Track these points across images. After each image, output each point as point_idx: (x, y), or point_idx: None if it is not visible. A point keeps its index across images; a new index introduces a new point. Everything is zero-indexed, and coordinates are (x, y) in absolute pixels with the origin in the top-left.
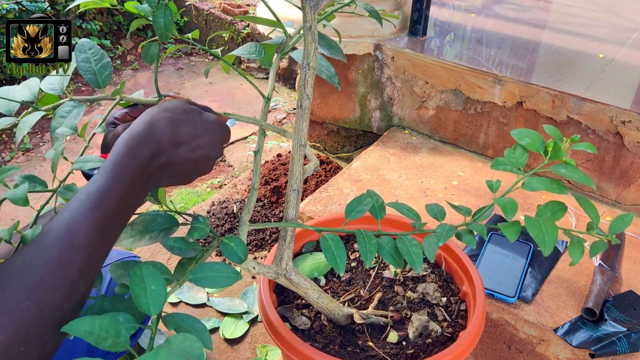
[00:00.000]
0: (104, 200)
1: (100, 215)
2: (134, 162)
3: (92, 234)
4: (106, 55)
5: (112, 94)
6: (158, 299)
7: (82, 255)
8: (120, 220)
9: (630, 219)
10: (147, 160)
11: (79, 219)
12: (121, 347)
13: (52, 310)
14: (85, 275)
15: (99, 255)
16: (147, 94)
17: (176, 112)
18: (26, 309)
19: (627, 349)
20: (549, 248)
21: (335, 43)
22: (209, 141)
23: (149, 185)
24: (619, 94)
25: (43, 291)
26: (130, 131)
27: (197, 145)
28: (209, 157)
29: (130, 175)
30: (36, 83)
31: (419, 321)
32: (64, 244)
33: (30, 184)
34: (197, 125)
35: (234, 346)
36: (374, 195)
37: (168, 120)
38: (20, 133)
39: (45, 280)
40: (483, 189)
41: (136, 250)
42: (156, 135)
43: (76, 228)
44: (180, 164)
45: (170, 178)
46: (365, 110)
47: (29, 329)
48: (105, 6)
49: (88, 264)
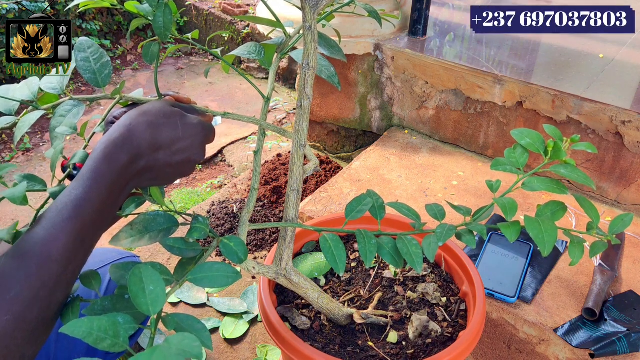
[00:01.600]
0: (81, 210)
1: (79, 224)
2: (112, 168)
3: (70, 243)
4: (105, 54)
5: (112, 94)
6: (157, 299)
7: (60, 266)
8: (99, 228)
9: (630, 219)
10: (126, 165)
11: (57, 229)
12: (120, 348)
13: (31, 323)
14: (63, 285)
15: (77, 264)
16: (146, 93)
17: (156, 116)
18: (5, 323)
19: (627, 349)
20: (548, 248)
21: (335, 43)
22: (190, 144)
23: (127, 189)
24: (619, 94)
25: (22, 305)
26: (108, 136)
27: (177, 149)
28: (190, 160)
29: (108, 181)
30: (36, 82)
31: (419, 321)
32: (42, 256)
33: (30, 183)
34: (177, 128)
35: (234, 346)
36: (374, 195)
37: (147, 124)
38: (20, 132)
39: (24, 294)
40: (483, 189)
41: (136, 250)
42: (134, 141)
43: (54, 239)
44: (160, 167)
45: (150, 181)
46: (365, 110)
47: (8, 342)
48: (105, 6)
49: (66, 274)
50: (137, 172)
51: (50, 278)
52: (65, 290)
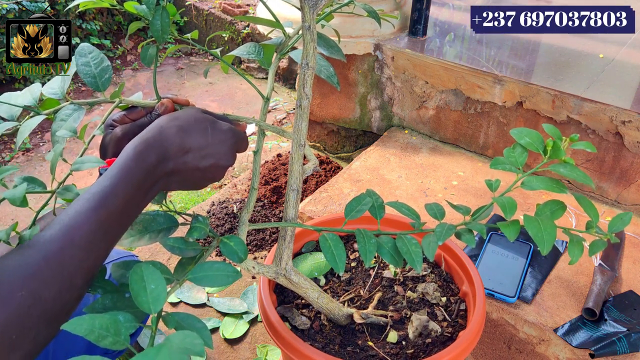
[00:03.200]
0: (107, 201)
1: (103, 214)
2: (140, 166)
3: (93, 232)
4: (106, 59)
5: (111, 97)
6: (158, 298)
7: (82, 252)
8: (123, 222)
9: (629, 217)
10: (154, 165)
11: (82, 216)
12: (121, 346)
13: (47, 302)
14: (84, 271)
15: (99, 254)
16: (146, 94)
17: (187, 121)
18: (21, 299)
19: (627, 349)
20: (547, 247)
21: (335, 43)
22: (219, 150)
23: (155, 190)
24: (619, 94)
25: (39, 283)
26: (140, 136)
27: (206, 153)
28: (218, 166)
29: (135, 178)
30: (38, 88)
31: (419, 321)
32: (64, 240)
33: (29, 185)
34: (207, 134)
35: (234, 346)
36: (374, 195)
37: (177, 128)
38: (21, 137)
39: (42, 273)
40: (483, 189)
41: (136, 250)
42: (164, 142)
43: (78, 225)
44: (189, 171)
45: (179, 184)
46: (365, 110)
47: (23, 318)
48: (105, 6)
49: (87, 260)
50: (165, 174)
51: (70, 263)
52: (85, 278)
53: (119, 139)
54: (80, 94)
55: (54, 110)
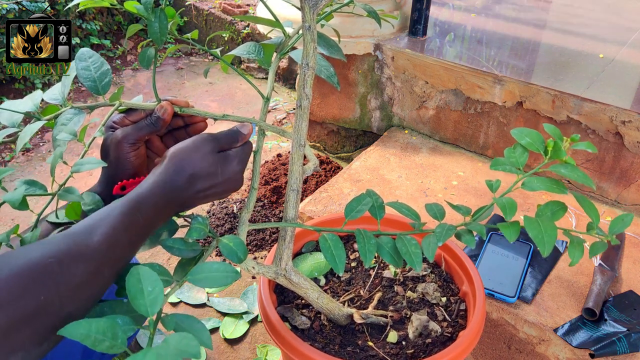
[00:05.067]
0: (133, 211)
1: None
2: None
3: (120, 232)
4: (106, 62)
5: (111, 99)
6: (155, 300)
7: (108, 246)
8: (143, 232)
9: (630, 219)
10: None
11: (111, 217)
12: (118, 350)
13: (75, 277)
14: (109, 264)
15: (124, 253)
16: (146, 94)
17: (199, 168)
18: (49, 265)
19: (627, 349)
20: (548, 249)
21: (335, 42)
22: (230, 181)
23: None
24: (619, 94)
25: (69, 257)
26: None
27: (215, 187)
28: (229, 191)
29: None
30: (39, 95)
31: (419, 321)
32: (94, 232)
33: (30, 187)
34: (217, 174)
35: (234, 346)
36: (373, 195)
37: (190, 177)
38: (22, 141)
39: (72, 250)
40: (483, 189)
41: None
42: (177, 190)
43: (108, 223)
44: (201, 200)
45: (197, 204)
46: (365, 110)
47: (50, 283)
48: (105, 5)
49: (113, 254)
50: (178, 205)
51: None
52: (111, 270)
53: (119, 141)
54: (80, 94)
55: (54, 116)
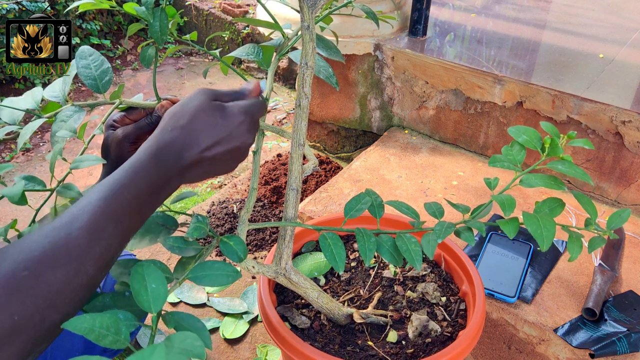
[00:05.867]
0: (117, 193)
1: (113, 205)
2: (154, 165)
3: (102, 220)
4: (106, 61)
5: (111, 97)
6: (159, 297)
7: (90, 239)
8: (136, 215)
9: (627, 214)
10: (169, 164)
11: (91, 205)
12: (122, 345)
13: (53, 285)
14: (94, 258)
15: (111, 243)
16: (146, 94)
17: (194, 118)
18: (23, 279)
19: (627, 349)
20: (547, 244)
21: (333, 44)
22: (235, 135)
23: (172, 184)
24: (619, 94)
25: (44, 264)
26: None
27: (222, 143)
28: (239, 149)
29: (148, 176)
30: (39, 92)
31: (419, 321)
32: (71, 226)
33: (29, 183)
34: (217, 125)
35: (234, 346)
36: (373, 194)
37: (183, 129)
38: (22, 139)
39: (47, 254)
40: (483, 189)
41: (136, 249)
42: (176, 143)
43: (87, 213)
44: (208, 163)
45: (200, 175)
46: (365, 110)
47: (24, 298)
48: (105, 7)
49: (97, 247)
50: (180, 169)
51: (78, 247)
52: (96, 265)
53: (120, 140)
54: (80, 93)
55: (54, 113)
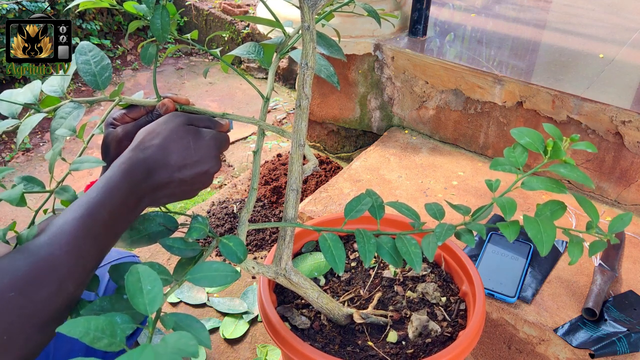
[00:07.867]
0: (94, 211)
1: (90, 223)
2: (125, 182)
3: (81, 238)
4: (106, 57)
5: (111, 95)
6: (154, 299)
7: (71, 257)
8: (112, 231)
9: (629, 218)
10: (138, 182)
11: (70, 224)
12: (117, 347)
13: (38, 304)
14: (74, 277)
15: (89, 261)
16: (146, 94)
17: (168, 138)
18: (10, 299)
19: (627, 349)
20: (546, 248)
21: (335, 42)
22: (204, 160)
23: (142, 205)
24: (619, 94)
25: (30, 285)
26: (125, 154)
27: (190, 167)
28: (206, 173)
29: (120, 193)
30: (38, 85)
31: (419, 321)
32: (54, 245)
33: (28, 184)
34: (189, 148)
35: (234, 346)
36: (373, 195)
37: (158, 147)
38: (22, 134)
39: (33, 276)
40: (483, 189)
41: (136, 250)
42: (148, 161)
43: (67, 232)
44: (175, 185)
45: (168, 197)
46: (365, 110)
47: (12, 318)
48: (104, 6)
49: (77, 266)
50: (151, 189)
51: (60, 267)
52: (76, 283)
53: (120, 139)
54: (80, 94)
55: (54, 108)
